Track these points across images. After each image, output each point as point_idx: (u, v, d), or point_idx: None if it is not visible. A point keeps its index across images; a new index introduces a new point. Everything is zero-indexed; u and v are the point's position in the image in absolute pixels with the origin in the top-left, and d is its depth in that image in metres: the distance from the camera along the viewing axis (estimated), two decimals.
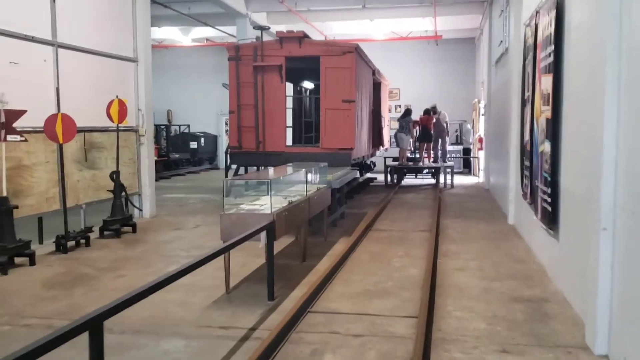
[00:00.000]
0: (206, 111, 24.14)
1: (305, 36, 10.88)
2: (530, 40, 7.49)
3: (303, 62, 11.23)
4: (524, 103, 7.96)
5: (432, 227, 9.18)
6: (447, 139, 17.86)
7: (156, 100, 26.24)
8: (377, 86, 15.48)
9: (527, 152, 7.51)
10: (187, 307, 5.37)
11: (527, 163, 7.56)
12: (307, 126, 15.10)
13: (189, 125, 22.63)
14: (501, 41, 11.64)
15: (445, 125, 17.55)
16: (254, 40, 11.13)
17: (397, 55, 21.71)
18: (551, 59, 5.90)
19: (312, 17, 17.50)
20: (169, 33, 20.76)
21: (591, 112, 4.51)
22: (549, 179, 5.98)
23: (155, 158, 20.16)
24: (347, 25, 19.07)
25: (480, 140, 17.26)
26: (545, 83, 6.23)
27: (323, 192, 7.80)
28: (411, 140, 17.10)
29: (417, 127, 17.10)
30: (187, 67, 23.55)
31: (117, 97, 8.92)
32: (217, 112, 24.05)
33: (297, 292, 5.70)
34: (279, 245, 7.75)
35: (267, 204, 6.16)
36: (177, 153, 21.83)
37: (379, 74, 15.34)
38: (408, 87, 22.00)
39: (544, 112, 6.30)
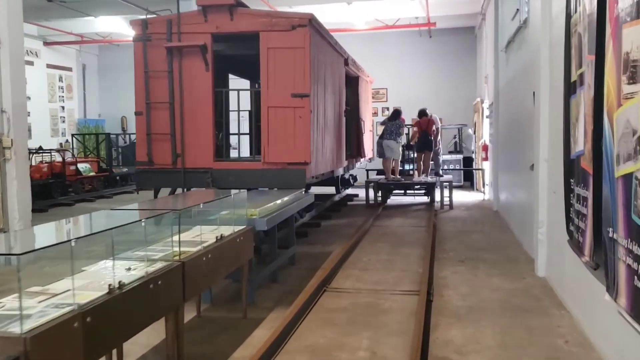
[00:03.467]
0: None
1: (239, 4, 7.66)
2: None
3: (239, 42, 8.03)
4: (570, 88, 4.75)
5: (422, 284, 6.00)
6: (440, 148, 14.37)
7: (108, 105, 23.68)
8: (353, 81, 12.28)
9: (583, 173, 4.27)
10: None
11: (582, 192, 4.31)
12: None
13: None
14: (517, 10, 8.42)
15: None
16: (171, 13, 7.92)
17: (384, 48, 18.52)
18: None
19: (277, 0, 14.32)
20: (113, 25, 17.55)
21: None
22: None
23: (93, 173, 17.09)
24: (321, 11, 15.72)
25: (485, 148, 13.99)
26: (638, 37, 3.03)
27: (228, 243, 4.54)
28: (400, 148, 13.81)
29: (415, 133, 13.72)
30: None
31: None
32: None
33: None
34: (155, 333, 4.46)
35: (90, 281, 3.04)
36: (127, 166, 18.55)
37: (356, 66, 12.13)
38: (396, 86, 18.79)
39: (632, 96, 3.10)
